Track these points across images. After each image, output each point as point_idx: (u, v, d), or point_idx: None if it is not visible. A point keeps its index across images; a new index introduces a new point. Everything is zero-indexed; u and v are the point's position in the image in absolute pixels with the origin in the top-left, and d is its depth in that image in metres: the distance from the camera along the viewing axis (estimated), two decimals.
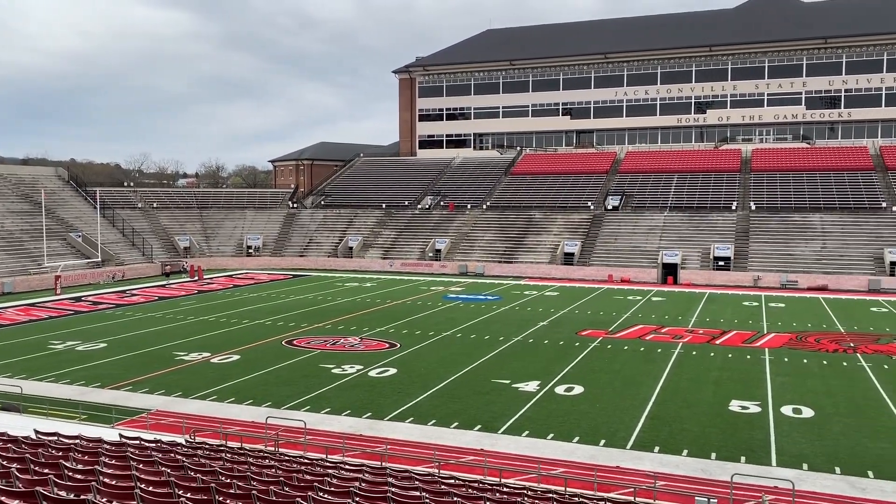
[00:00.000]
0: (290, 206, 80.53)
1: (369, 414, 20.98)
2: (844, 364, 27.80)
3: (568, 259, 62.45)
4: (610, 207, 69.04)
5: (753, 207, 64.56)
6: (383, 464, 15.45)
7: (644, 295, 49.66)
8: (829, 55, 76.26)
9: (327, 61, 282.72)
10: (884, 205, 61.46)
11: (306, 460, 15.01)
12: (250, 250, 72.21)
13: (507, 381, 24.72)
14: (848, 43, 75.21)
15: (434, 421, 20.30)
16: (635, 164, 77.30)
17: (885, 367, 27.35)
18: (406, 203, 77.27)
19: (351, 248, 70.11)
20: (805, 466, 16.90)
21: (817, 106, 77.21)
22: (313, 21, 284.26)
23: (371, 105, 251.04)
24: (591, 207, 69.56)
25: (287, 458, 15.19)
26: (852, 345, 31.71)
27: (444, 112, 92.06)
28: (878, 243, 56.66)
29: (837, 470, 16.68)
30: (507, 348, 30.73)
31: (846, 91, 75.97)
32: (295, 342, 32.01)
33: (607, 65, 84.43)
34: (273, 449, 16.68)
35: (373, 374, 25.89)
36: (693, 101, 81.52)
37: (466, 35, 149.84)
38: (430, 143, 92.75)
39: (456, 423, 20.06)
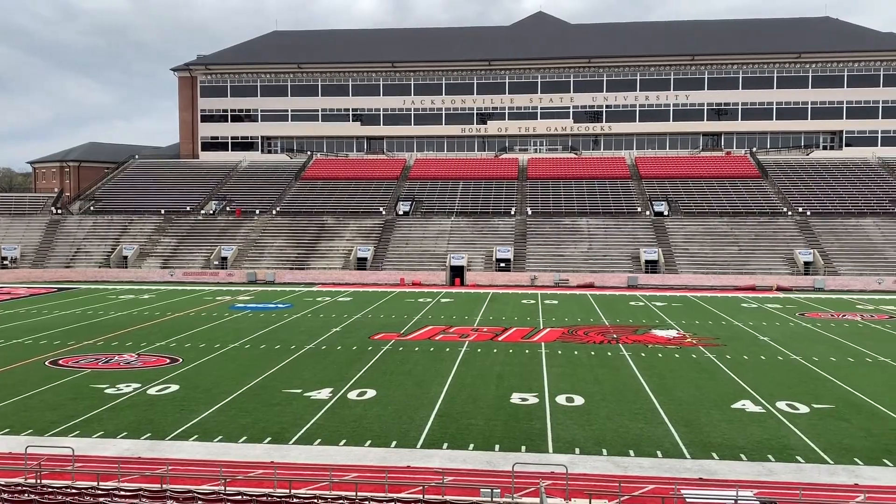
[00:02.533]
0: (54, 212, 73.05)
1: (149, 434, 19.57)
2: (609, 354, 30.67)
3: (361, 264, 62.82)
4: (401, 213, 70.53)
5: (530, 212, 69.24)
6: (164, 486, 14.49)
7: (434, 297, 51.28)
8: (593, 73, 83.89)
9: (94, 55, 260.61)
10: (639, 209, 68.79)
11: (74, 490, 13.66)
12: (6, 262, 64.41)
13: (299, 391, 24.29)
14: (608, 63, 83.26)
15: (221, 437, 19.41)
16: (424, 171, 79.69)
17: (643, 354, 30.57)
18: (188, 208, 73.33)
19: (125, 257, 65.07)
20: (577, 451, 18.37)
21: (583, 120, 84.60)
22: (77, 11, 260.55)
23: (147, 103, 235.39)
24: (383, 213, 70.60)
25: (51, 489, 13.72)
26: (615, 336, 35.10)
27: (230, 113, 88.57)
28: (635, 244, 63.27)
29: (604, 451, 18.33)
30: (299, 357, 30.21)
31: (607, 107, 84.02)
32: (61, 362, 29.03)
33: (395, 73, 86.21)
34: (34, 481, 14.98)
35: (152, 391, 24.19)
36: (475, 112, 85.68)
37: (250, 35, 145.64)
38: (215, 145, 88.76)
39: (244, 438, 19.34)
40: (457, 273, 60.66)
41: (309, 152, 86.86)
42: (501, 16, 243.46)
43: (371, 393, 23.97)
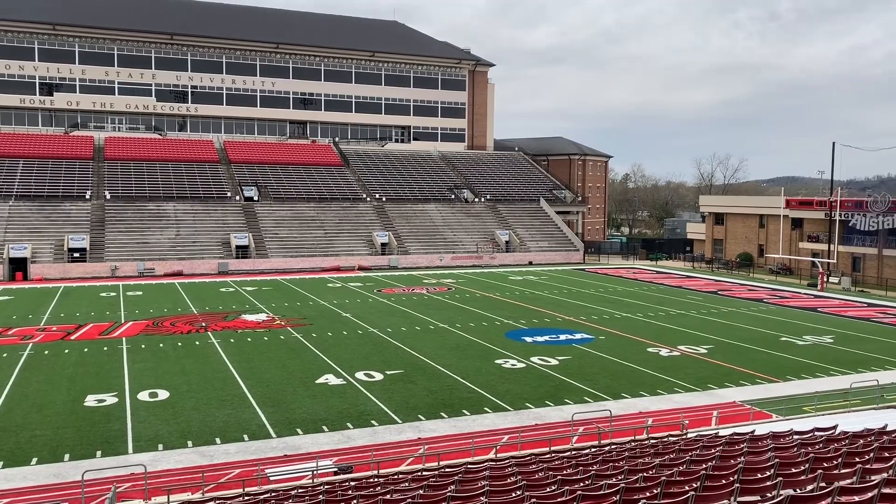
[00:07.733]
0: None
1: None
2: (197, 343, 29.83)
3: None
4: None
5: (109, 196, 63.52)
6: None
7: None
8: (177, 51, 79.99)
9: None
10: (229, 194, 68.05)
11: None
12: None
13: None
14: (192, 42, 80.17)
15: None
16: None
17: (232, 341, 30.42)
18: None
19: None
20: (161, 447, 17.52)
21: (168, 99, 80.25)
22: None
23: None
24: None
25: None
26: (204, 324, 34.26)
27: None
28: (225, 229, 62.48)
29: (190, 443, 17.80)
30: None
31: (193, 87, 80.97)
32: None
33: None
34: None
35: None
36: (38, 81, 75.13)
37: None
38: None
39: None
40: (18, 266, 52.70)
41: None
42: None
43: None
